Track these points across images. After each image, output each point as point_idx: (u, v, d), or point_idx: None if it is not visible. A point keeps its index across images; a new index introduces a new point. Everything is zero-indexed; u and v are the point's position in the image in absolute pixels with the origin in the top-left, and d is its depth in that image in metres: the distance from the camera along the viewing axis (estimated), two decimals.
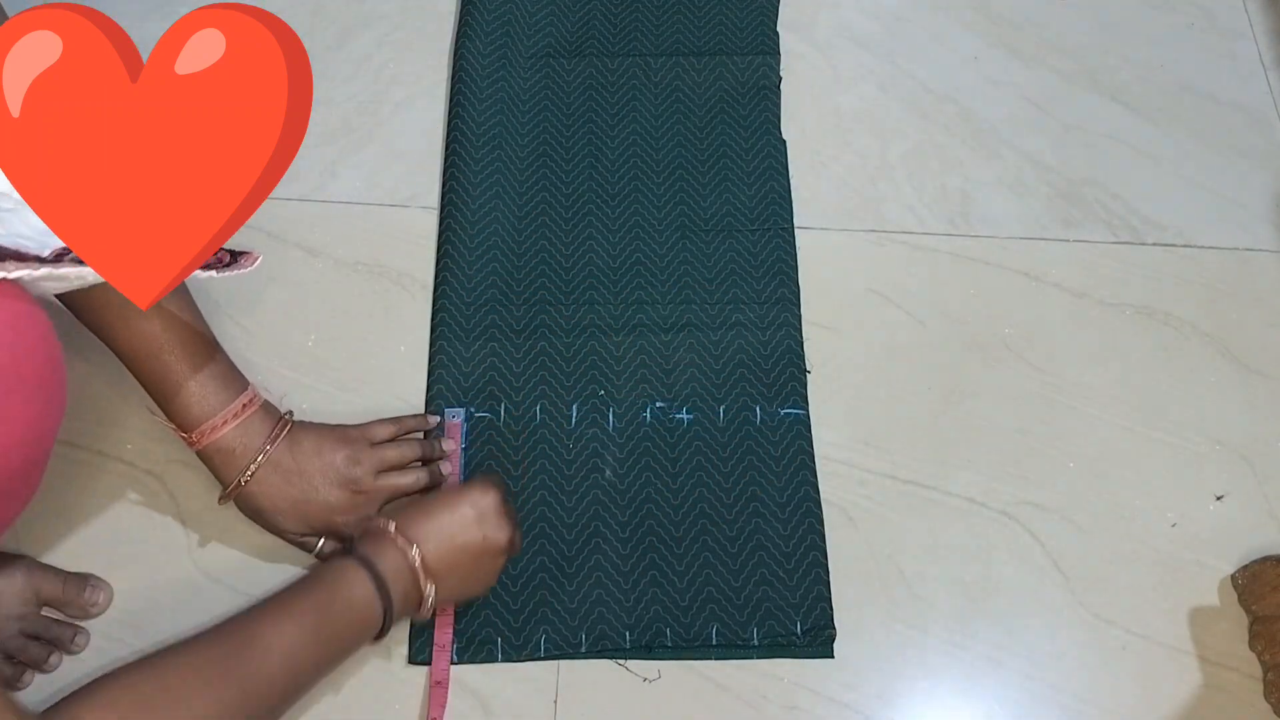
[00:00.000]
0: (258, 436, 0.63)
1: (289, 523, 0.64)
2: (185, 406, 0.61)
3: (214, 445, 0.61)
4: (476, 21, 0.88)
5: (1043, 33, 0.93)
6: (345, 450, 0.65)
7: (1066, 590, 0.70)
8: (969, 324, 0.79)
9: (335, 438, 0.66)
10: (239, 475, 0.62)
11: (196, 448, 0.62)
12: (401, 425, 0.70)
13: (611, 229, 0.81)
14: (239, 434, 0.62)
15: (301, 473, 0.63)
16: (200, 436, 0.61)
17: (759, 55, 0.88)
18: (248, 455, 0.62)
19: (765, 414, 0.74)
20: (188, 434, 0.61)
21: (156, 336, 0.60)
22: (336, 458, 0.65)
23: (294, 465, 0.63)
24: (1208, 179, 0.86)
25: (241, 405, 0.62)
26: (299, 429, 0.65)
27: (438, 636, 0.65)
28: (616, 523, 0.70)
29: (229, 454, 0.62)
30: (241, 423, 0.62)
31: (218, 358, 0.63)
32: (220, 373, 0.62)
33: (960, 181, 0.85)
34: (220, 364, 0.63)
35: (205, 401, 0.61)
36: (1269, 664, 0.66)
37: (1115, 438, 0.75)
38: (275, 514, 0.63)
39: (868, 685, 0.67)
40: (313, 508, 0.64)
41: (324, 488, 0.64)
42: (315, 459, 0.64)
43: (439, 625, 0.66)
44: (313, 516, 0.64)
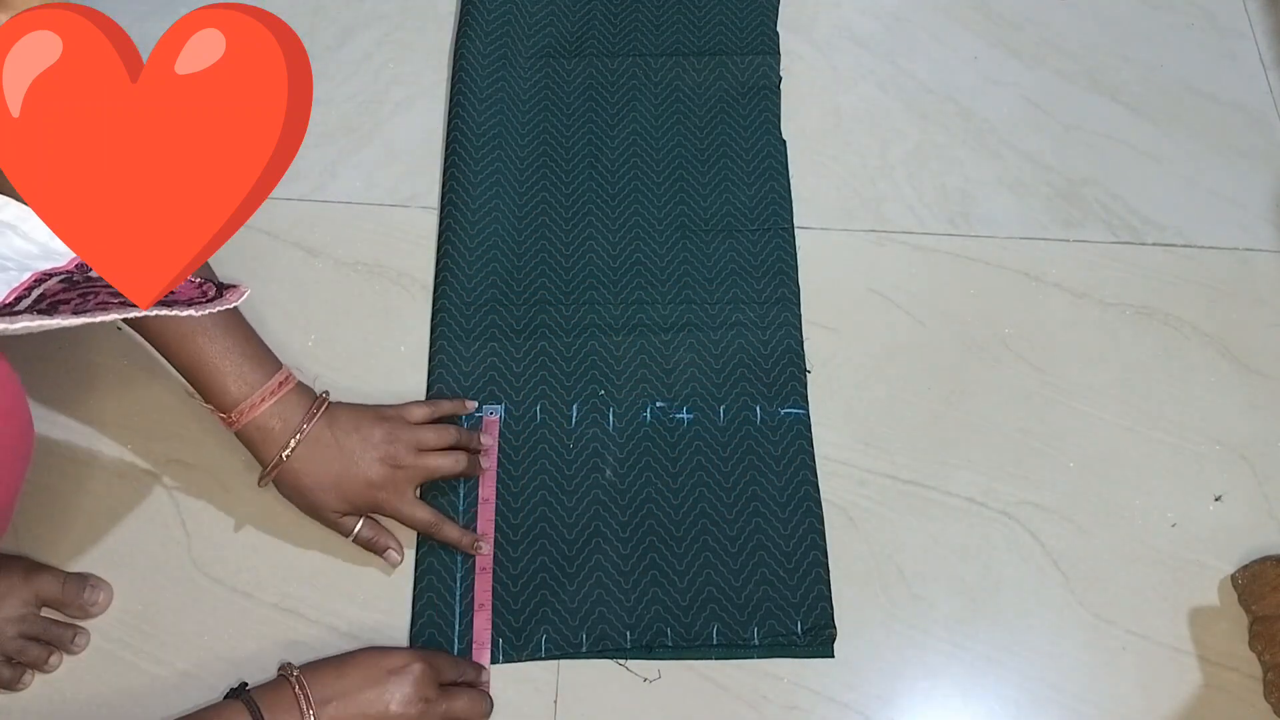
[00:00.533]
0: (296, 414, 0.63)
1: (330, 499, 0.64)
2: (223, 387, 0.61)
3: (254, 424, 0.62)
4: (476, 21, 0.88)
5: (1043, 33, 0.93)
6: (383, 427, 0.66)
7: (1066, 590, 0.70)
8: (969, 324, 0.79)
9: (373, 415, 0.67)
10: (280, 451, 0.62)
11: (235, 427, 0.62)
12: (438, 408, 0.71)
13: (611, 229, 0.81)
14: (277, 411, 0.63)
15: (341, 448, 0.64)
16: (239, 415, 0.62)
17: (759, 55, 0.88)
18: (287, 432, 0.63)
19: (765, 414, 0.74)
20: (226, 414, 0.62)
21: (184, 320, 0.60)
22: (375, 433, 0.65)
23: (333, 440, 0.64)
24: (1208, 179, 0.86)
25: (278, 383, 0.63)
26: (336, 407, 0.66)
27: (477, 634, 0.66)
28: (617, 523, 0.70)
29: (268, 432, 0.62)
30: (279, 400, 0.63)
31: (251, 338, 0.64)
32: (254, 352, 0.63)
33: (960, 181, 0.85)
34: (254, 344, 0.64)
35: (242, 381, 0.62)
36: (1269, 664, 0.66)
37: (1115, 438, 0.75)
38: (316, 490, 0.63)
39: (868, 685, 0.67)
40: (353, 483, 0.64)
41: (363, 463, 0.64)
42: (354, 434, 0.65)
43: (478, 623, 0.66)
44: (353, 493, 0.64)
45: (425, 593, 0.67)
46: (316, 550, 0.69)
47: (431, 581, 0.68)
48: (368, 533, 0.66)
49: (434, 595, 0.67)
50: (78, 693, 0.64)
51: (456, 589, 0.68)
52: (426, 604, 0.67)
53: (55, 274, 0.51)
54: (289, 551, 0.69)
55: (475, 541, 0.68)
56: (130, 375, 0.74)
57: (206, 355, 0.61)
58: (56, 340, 0.74)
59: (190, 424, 0.72)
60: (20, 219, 0.51)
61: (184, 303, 0.54)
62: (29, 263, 0.50)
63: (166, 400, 0.73)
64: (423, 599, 0.67)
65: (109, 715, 0.64)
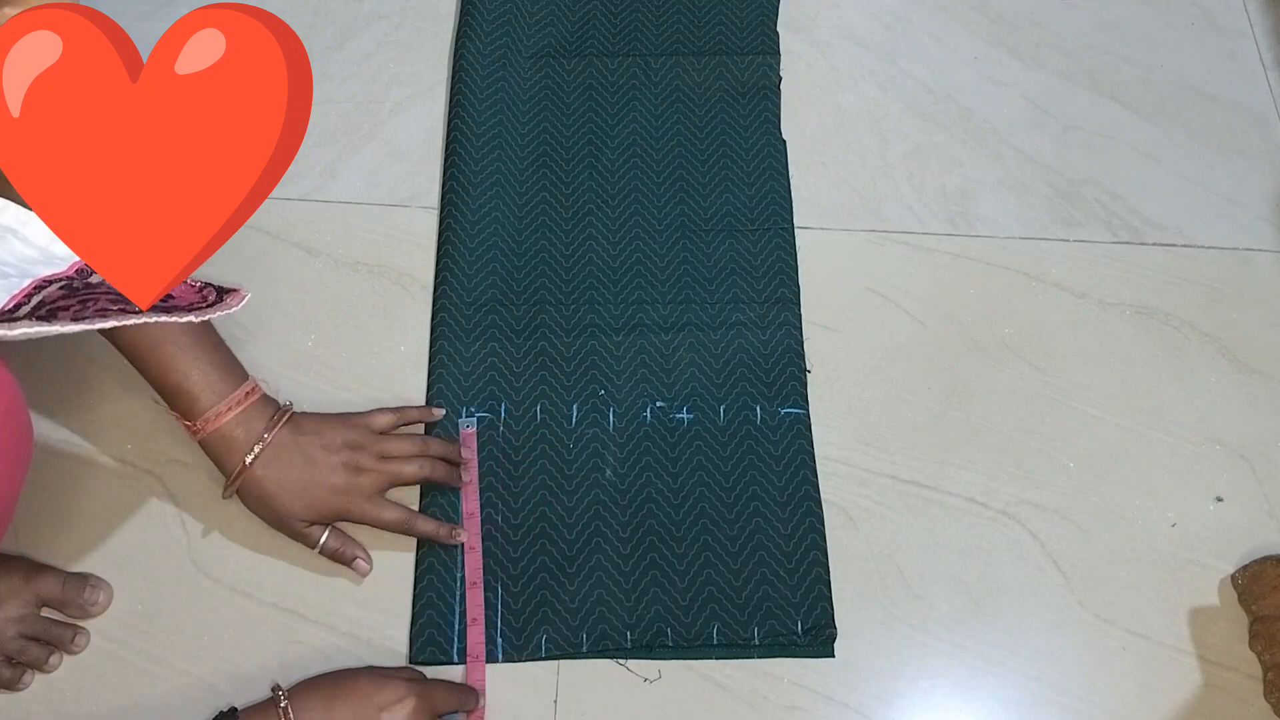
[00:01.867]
0: (260, 423, 0.63)
1: (295, 507, 0.64)
2: (189, 396, 0.62)
3: (218, 433, 0.62)
4: (476, 21, 0.88)
5: (1043, 33, 0.93)
6: (346, 433, 0.66)
7: (1066, 590, 0.70)
8: (969, 324, 0.79)
9: (335, 422, 0.67)
10: (243, 457, 0.62)
11: (200, 436, 0.63)
12: (402, 415, 0.70)
13: (611, 229, 0.81)
14: (242, 421, 0.63)
15: (305, 454, 0.64)
16: (204, 424, 0.62)
17: (759, 55, 0.88)
18: (250, 440, 0.63)
19: (766, 413, 0.74)
20: (192, 422, 0.62)
21: (154, 328, 0.60)
22: (337, 439, 0.65)
23: (296, 448, 0.64)
24: (1208, 179, 0.86)
25: (244, 393, 0.63)
26: (300, 416, 0.66)
27: (471, 646, 0.66)
28: (617, 523, 0.70)
29: (232, 441, 0.63)
30: (244, 410, 0.63)
31: (220, 347, 0.64)
32: (222, 362, 0.63)
33: (960, 181, 0.85)
34: (222, 354, 0.64)
35: (210, 390, 0.62)
36: (1269, 664, 0.66)
37: (1115, 438, 0.75)
38: (281, 497, 0.63)
39: (868, 685, 0.67)
40: (317, 489, 0.64)
41: (327, 469, 0.64)
42: (316, 440, 0.65)
43: (470, 599, 0.66)
44: (318, 500, 0.64)
45: (425, 592, 0.67)
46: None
47: (432, 581, 0.68)
48: (334, 543, 0.66)
49: (434, 595, 0.67)
50: (78, 693, 0.64)
51: (457, 589, 0.67)
52: (427, 604, 0.67)
53: (55, 280, 0.51)
54: (289, 551, 0.68)
55: (453, 530, 0.68)
56: (130, 375, 0.74)
57: (176, 363, 0.61)
58: (56, 341, 0.73)
59: None
60: (21, 223, 0.51)
61: (184, 308, 0.54)
62: (29, 268, 0.50)
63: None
64: (423, 599, 0.67)
65: (109, 715, 0.64)
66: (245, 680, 0.65)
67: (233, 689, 0.65)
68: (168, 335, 0.61)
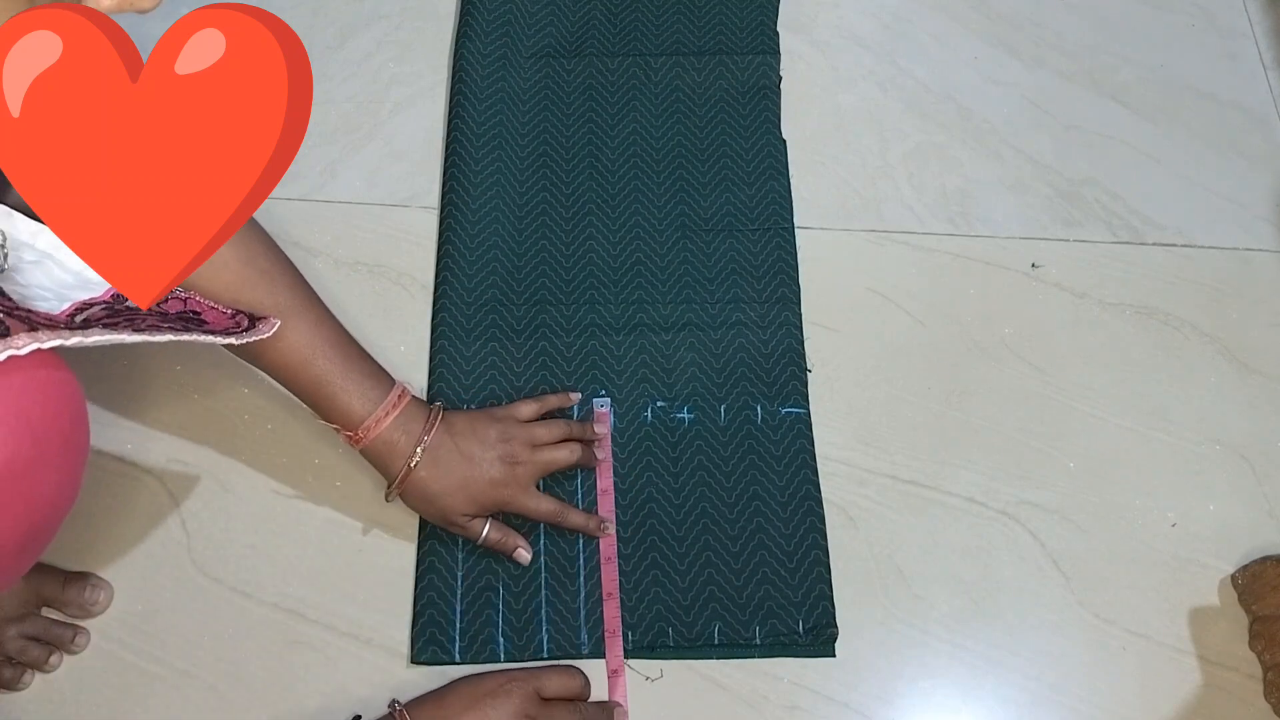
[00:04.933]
0: (417, 425, 0.64)
1: (458, 502, 0.65)
2: (347, 406, 0.62)
3: (379, 439, 0.63)
4: (476, 21, 0.88)
5: (1043, 33, 0.93)
6: (497, 427, 0.67)
7: (1066, 590, 0.70)
8: (969, 324, 0.79)
9: (485, 417, 0.68)
10: (406, 462, 0.63)
11: (362, 445, 0.63)
12: (544, 403, 0.72)
13: (611, 229, 0.81)
14: (400, 424, 0.63)
15: (462, 452, 0.65)
16: (365, 433, 0.63)
17: (759, 55, 0.88)
18: (411, 444, 0.63)
19: (766, 413, 0.74)
20: (352, 432, 0.63)
21: (303, 345, 0.61)
22: (490, 434, 0.66)
23: (454, 446, 0.65)
24: (1208, 179, 0.86)
25: (397, 396, 0.64)
26: (450, 413, 0.67)
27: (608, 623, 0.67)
28: (618, 522, 0.70)
29: (393, 445, 0.63)
30: (400, 413, 0.64)
31: (364, 356, 0.65)
32: (370, 370, 0.64)
33: (960, 181, 0.85)
34: (368, 360, 0.65)
35: (365, 398, 0.63)
36: (1269, 664, 0.66)
37: (1115, 438, 0.75)
38: (444, 496, 0.64)
39: (868, 685, 0.67)
40: (477, 484, 0.65)
41: (484, 464, 0.65)
42: (471, 438, 0.66)
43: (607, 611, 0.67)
44: (479, 493, 0.65)
45: (426, 592, 0.67)
46: (316, 550, 0.69)
47: (432, 581, 0.68)
48: (496, 534, 0.67)
49: (434, 595, 0.67)
50: (78, 693, 0.64)
51: (457, 588, 0.68)
52: (427, 603, 0.67)
53: (95, 303, 0.52)
54: (289, 551, 0.69)
55: (601, 524, 0.69)
56: (130, 376, 0.74)
57: (330, 376, 0.62)
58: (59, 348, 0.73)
59: (190, 424, 0.72)
60: (55, 248, 0.51)
61: (221, 332, 0.55)
62: (66, 292, 0.50)
63: (167, 400, 0.73)
64: (423, 599, 0.67)
65: (109, 715, 0.64)
66: (245, 680, 0.65)
67: (233, 689, 0.65)
68: (317, 351, 0.62)
